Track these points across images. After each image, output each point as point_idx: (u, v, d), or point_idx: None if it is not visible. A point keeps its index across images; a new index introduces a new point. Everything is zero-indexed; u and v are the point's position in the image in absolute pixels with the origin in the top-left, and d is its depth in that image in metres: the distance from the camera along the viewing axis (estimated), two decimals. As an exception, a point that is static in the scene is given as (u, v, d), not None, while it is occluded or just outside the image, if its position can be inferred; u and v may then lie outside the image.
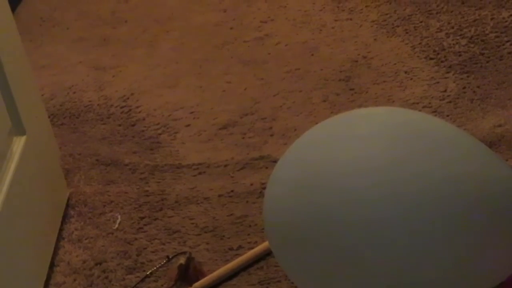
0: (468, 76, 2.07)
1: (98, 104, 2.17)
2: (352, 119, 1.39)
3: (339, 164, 1.30)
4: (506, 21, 2.25)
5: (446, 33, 2.24)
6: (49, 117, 1.93)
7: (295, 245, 1.33)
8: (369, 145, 1.30)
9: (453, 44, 2.20)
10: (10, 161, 1.57)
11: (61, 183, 1.85)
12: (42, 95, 2.16)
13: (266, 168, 1.86)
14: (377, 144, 1.29)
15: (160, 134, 2.03)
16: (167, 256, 1.68)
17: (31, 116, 1.69)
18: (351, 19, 2.38)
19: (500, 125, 1.90)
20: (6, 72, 1.58)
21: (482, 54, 2.14)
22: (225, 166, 1.90)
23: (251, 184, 1.83)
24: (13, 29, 1.68)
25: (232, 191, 1.83)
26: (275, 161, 1.86)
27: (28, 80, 1.73)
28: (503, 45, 2.17)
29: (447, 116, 1.96)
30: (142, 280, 1.65)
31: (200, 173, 1.90)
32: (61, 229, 1.78)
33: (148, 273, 1.66)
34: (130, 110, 2.13)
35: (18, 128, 1.63)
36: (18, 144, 1.61)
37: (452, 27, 2.26)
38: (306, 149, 1.38)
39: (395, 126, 1.33)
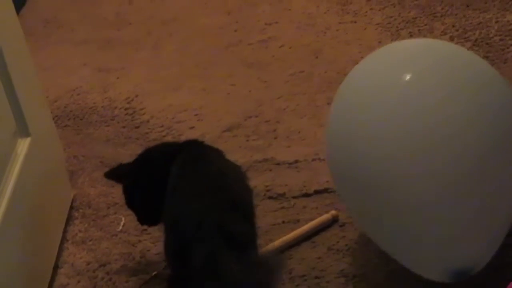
0: (472, 79, 2.07)
1: (102, 106, 2.17)
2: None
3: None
4: (511, 24, 2.25)
5: (451, 36, 2.24)
6: (53, 119, 1.93)
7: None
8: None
9: (458, 47, 2.20)
10: (15, 163, 1.57)
11: (65, 184, 1.85)
12: (47, 97, 2.16)
13: (270, 170, 1.86)
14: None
15: (164, 136, 2.03)
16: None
17: (36, 118, 1.69)
18: (355, 22, 2.38)
19: (504, 129, 1.89)
20: (11, 74, 1.58)
21: (487, 57, 2.14)
22: (229, 168, 1.90)
23: (255, 187, 1.82)
24: (17, 31, 1.68)
25: (236, 193, 1.83)
26: (279, 164, 1.87)
27: (33, 82, 1.74)
28: (508, 48, 2.16)
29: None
30: (146, 282, 1.65)
31: (204, 176, 1.89)
32: (65, 231, 1.78)
33: (152, 275, 1.67)
34: (134, 112, 2.13)
35: (23, 130, 1.63)
36: (23, 146, 1.62)
37: (457, 30, 2.26)
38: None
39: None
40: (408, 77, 1.43)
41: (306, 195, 1.78)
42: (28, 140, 1.63)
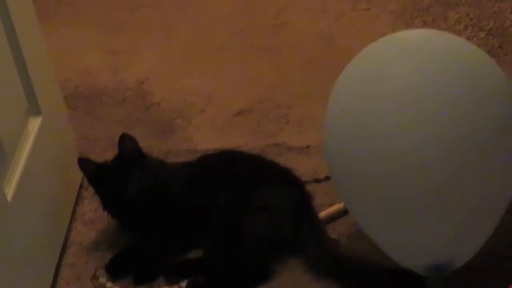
0: (485, 69, 2.06)
1: (113, 88, 2.17)
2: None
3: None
4: (526, 15, 2.24)
5: (465, 25, 2.23)
6: (64, 99, 1.93)
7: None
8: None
9: (472, 36, 2.18)
10: (25, 142, 1.57)
11: (75, 164, 1.84)
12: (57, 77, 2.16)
13: (281, 155, 1.85)
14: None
15: (174, 119, 2.03)
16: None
17: (47, 97, 1.69)
18: (369, 9, 2.37)
19: (517, 119, 1.88)
20: (24, 53, 1.58)
21: (501, 47, 2.13)
22: (240, 152, 1.89)
23: (266, 171, 1.82)
24: (30, 12, 1.68)
25: (246, 177, 1.82)
26: (290, 148, 1.86)
27: (45, 62, 1.74)
28: (522, 38, 2.16)
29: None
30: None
31: (214, 159, 1.89)
32: (74, 211, 1.78)
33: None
34: (145, 94, 2.13)
35: (34, 109, 1.63)
36: (34, 124, 1.62)
37: (471, 19, 2.25)
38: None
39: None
40: (410, 67, 1.41)
41: (317, 180, 1.77)
42: (40, 119, 1.63)
